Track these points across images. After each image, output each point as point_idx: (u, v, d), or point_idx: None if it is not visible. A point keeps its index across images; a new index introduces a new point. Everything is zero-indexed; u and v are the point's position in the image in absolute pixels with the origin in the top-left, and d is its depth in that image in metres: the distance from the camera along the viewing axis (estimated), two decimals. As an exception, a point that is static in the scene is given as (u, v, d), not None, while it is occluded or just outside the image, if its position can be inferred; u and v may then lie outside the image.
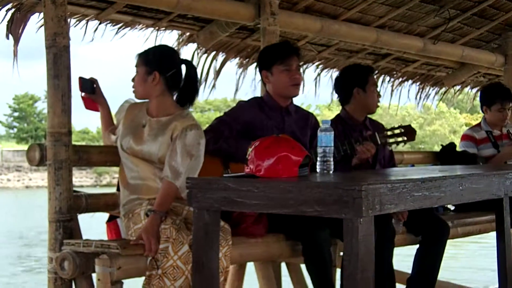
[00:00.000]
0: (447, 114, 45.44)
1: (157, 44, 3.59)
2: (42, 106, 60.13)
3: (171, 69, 3.42)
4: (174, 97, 3.49)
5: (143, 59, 3.44)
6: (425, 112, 44.12)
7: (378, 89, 4.30)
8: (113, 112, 3.65)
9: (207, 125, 3.84)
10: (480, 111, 5.46)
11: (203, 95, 5.68)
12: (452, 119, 45.81)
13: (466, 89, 8.26)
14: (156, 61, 3.41)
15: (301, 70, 3.99)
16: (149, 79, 3.39)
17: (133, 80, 3.47)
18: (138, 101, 3.55)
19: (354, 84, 4.19)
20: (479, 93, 6.69)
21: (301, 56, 3.93)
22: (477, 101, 6.21)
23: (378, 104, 4.26)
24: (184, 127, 3.32)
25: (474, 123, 5.75)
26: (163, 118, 3.40)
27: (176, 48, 5.36)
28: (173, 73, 3.42)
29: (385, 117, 35.27)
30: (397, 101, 7.44)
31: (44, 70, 3.39)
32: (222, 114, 3.94)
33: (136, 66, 3.46)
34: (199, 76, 5.52)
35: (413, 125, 4.17)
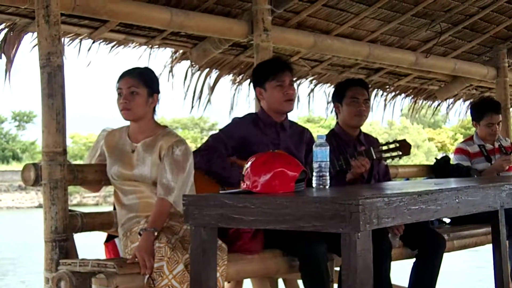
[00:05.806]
0: (410, 129, 45.68)
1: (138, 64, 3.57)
2: (8, 126, 57.92)
3: (160, 91, 3.45)
4: None
5: (143, 80, 3.36)
6: (389, 127, 44.34)
7: (367, 102, 4.23)
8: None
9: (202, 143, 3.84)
10: (443, 126, 5.50)
11: (198, 112, 5.67)
12: (416, 134, 45.94)
13: (458, 102, 8.29)
14: (155, 83, 3.42)
15: (295, 85, 3.97)
16: (149, 101, 3.39)
17: (125, 100, 3.34)
18: (113, 128, 3.52)
19: (334, 100, 4.27)
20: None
21: (293, 71, 3.94)
22: (439, 116, 6.26)
23: (358, 116, 4.14)
24: (170, 144, 3.32)
25: (436, 138, 5.80)
26: (147, 140, 3.39)
27: (169, 66, 5.39)
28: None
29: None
30: (390, 115, 7.49)
31: (12, 90, 3.35)
32: (217, 131, 3.93)
33: (132, 86, 3.34)
34: (193, 93, 5.60)
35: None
